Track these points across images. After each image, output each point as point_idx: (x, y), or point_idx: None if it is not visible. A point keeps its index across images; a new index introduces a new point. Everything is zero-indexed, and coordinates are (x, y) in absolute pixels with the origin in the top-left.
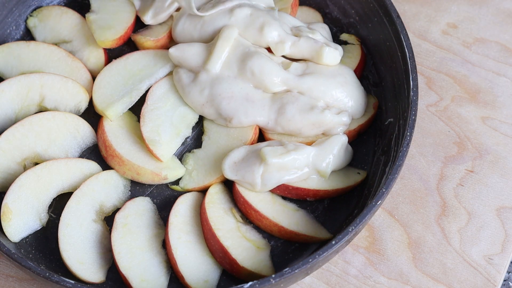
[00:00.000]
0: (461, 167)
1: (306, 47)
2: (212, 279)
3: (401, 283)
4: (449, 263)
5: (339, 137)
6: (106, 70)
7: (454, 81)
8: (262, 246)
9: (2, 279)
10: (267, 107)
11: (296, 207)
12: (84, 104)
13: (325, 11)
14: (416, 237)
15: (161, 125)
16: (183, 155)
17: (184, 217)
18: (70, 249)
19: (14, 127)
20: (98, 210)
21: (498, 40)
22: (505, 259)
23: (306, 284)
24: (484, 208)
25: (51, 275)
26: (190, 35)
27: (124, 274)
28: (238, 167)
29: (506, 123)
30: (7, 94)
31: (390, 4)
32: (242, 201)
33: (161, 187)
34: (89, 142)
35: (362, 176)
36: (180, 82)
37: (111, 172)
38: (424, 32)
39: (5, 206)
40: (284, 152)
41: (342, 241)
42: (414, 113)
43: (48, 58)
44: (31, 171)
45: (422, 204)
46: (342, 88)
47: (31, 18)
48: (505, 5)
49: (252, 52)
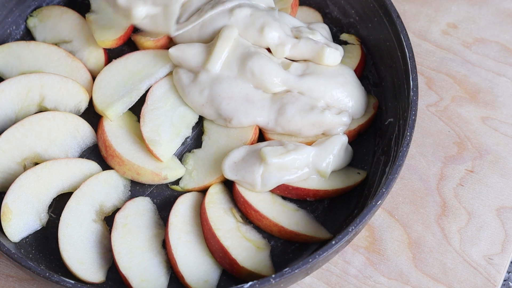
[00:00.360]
0: (461, 167)
1: (307, 48)
2: (212, 279)
3: (401, 283)
4: (449, 263)
5: (339, 137)
6: (106, 70)
7: (454, 81)
8: (262, 246)
9: (2, 279)
10: (267, 107)
11: (296, 207)
12: (84, 104)
13: (325, 11)
14: (416, 237)
15: (161, 125)
16: (183, 155)
17: (184, 217)
18: (70, 249)
19: (14, 127)
20: (98, 210)
21: (498, 40)
22: (505, 259)
23: (306, 284)
24: (484, 208)
25: (51, 275)
26: (189, 35)
27: (124, 274)
28: (238, 167)
29: (506, 123)
30: (7, 94)
31: (390, 4)
32: (242, 201)
33: (161, 187)
34: (89, 142)
35: (362, 176)
36: (180, 82)
37: (111, 172)
38: (424, 32)
39: (5, 206)
40: (284, 152)
41: (342, 241)
42: (414, 113)
43: (48, 58)
44: (31, 171)
45: (422, 204)
46: (343, 88)
47: (31, 18)
48: (505, 5)
49: (252, 52)
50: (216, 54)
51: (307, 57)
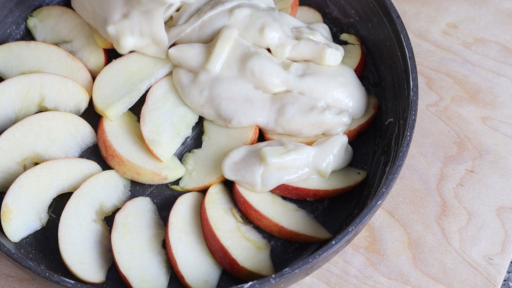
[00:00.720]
0: (461, 167)
1: (307, 49)
2: (212, 279)
3: (401, 283)
4: (449, 263)
5: (339, 137)
6: (106, 70)
7: (454, 81)
8: (262, 246)
9: (2, 279)
10: (267, 107)
11: (296, 207)
12: (84, 104)
13: (325, 11)
14: (416, 237)
15: (161, 125)
16: (183, 155)
17: (184, 217)
18: (70, 249)
19: (14, 127)
20: (98, 210)
21: (498, 40)
22: (505, 259)
23: (306, 284)
24: (484, 208)
25: (51, 275)
26: (189, 36)
27: (124, 274)
28: (238, 167)
29: (506, 123)
30: (7, 94)
31: (390, 4)
32: (242, 201)
33: (161, 187)
34: (89, 142)
35: (362, 176)
36: (180, 82)
37: (111, 172)
38: (424, 32)
39: (5, 206)
40: (284, 152)
41: (342, 241)
42: (414, 113)
43: (48, 58)
44: (31, 171)
45: (422, 204)
46: (343, 88)
47: (31, 18)
48: (505, 5)
49: (252, 52)
50: (216, 54)
51: (308, 57)
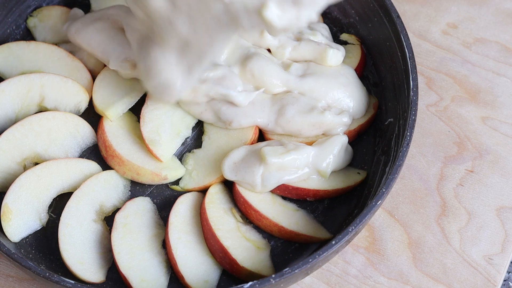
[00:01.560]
0: (461, 167)
1: (308, 50)
2: (212, 279)
3: (401, 283)
4: (449, 263)
5: (340, 137)
6: (106, 70)
7: (454, 81)
8: (262, 246)
9: (2, 279)
10: (267, 108)
11: (296, 207)
12: (84, 104)
13: (325, 11)
14: (416, 237)
15: (161, 125)
16: (183, 155)
17: (184, 217)
18: (70, 249)
19: (14, 127)
20: (98, 210)
21: (498, 40)
22: (505, 259)
23: (306, 284)
24: (484, 208)
25: (51, 275)
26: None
27: (124, 274)
28: (238, 168)
29: (506, 123)
30: (7, 94)
31: (390, 4)
32: (242, 201)
33: (161, 187)
34: (89, 142)
35: (362, 176)
36: None
37: (111, 172)
38: (424, 32)
39: (5, 206)
40: (284, 152)
41: (342, 241)
42: (414, 113)
43: (48, 58)
44: (31, 171)
45: (422, 204)
46: (344, 88)
47: (31, 18)
48: (505, 5)
49: (252, 53)
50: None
51: (309, 58)
